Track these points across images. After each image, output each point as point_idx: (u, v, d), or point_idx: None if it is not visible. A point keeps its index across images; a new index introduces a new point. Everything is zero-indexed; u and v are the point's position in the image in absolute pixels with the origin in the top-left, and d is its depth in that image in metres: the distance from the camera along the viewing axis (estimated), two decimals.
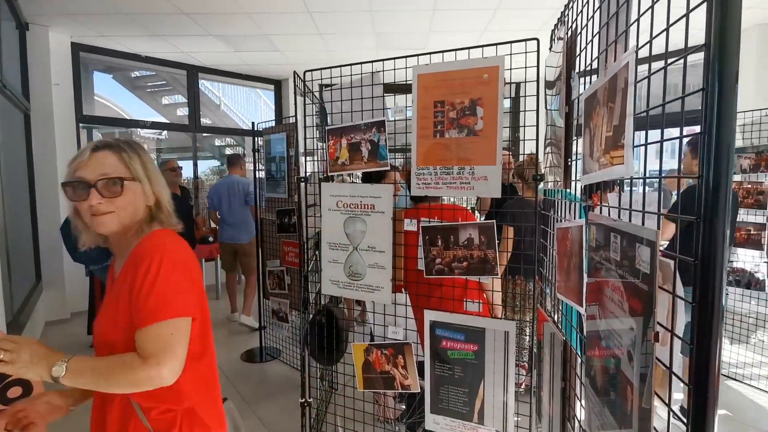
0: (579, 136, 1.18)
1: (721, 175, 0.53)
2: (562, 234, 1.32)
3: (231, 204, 4.57)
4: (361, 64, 1.96)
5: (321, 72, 2.06)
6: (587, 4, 1.16)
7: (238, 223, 4.59)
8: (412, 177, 1.76)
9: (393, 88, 1.91)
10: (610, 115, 0.87)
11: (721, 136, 0.53)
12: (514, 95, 6.22)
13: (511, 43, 1.65)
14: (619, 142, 0.81)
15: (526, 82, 1.66)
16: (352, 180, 3.10)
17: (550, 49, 1.72)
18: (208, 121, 8.72)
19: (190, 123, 6.10)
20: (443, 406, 1.83)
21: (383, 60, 1.91)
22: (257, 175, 3.94)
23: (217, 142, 10.26)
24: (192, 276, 1.05)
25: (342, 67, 2.00)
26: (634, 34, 0.81)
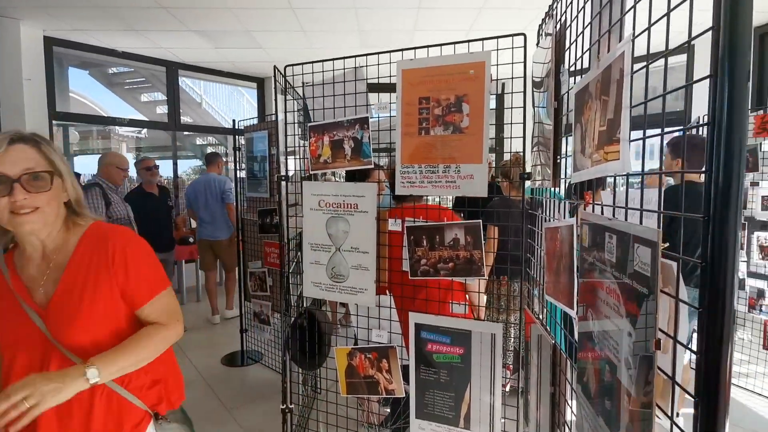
0: (569, 133, 1.14)
1: (734, 168, 0.49)
2: (550, 234, 1.27)
3: (208, 201, 4.56)
4: (344, 59, 1.90)
5: (303, 67, 2.00)
6: None
7: (216, 220, 4.58)
8: (396, 175, 1.71)
9: (377, 87, 1.85)
10: (603, 108, 0.82)
11: (732, 125, 0.49)
12: (500, 92, 6.21)
13: (497, 38, 1.61)
14: (614, 136, 0.76)
15: (513, 79, 1.62)
16: (336, 179, 3.04)
17: (538, 44, 1.69)
18: (189, 120, 8.54)
19: (169, 121, 5.94)
20: (429, 411, 1.78)
21: (367, 54, 1.85)
22: (238, 175, 3.87)
23: (199, 141, 10.09)
24: (153, 253, 1.17)
25: (324, 62, 1.94)
26: (628, 25, 0.77)
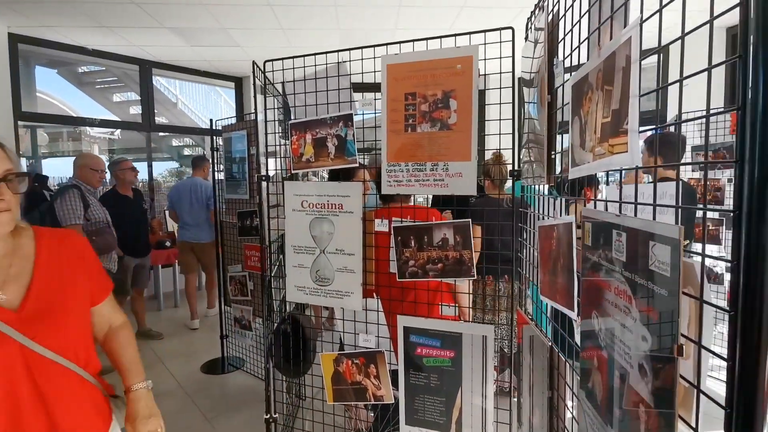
0: (563, 128, 1.09)
1: None
2: (545, 232, 1.23)
3: (192, 206, 4.56)
4: (326, 54, 1.83)
5: (283, 62, 1.91)
6: None
7: (200, 224, 4.58)
8: (382, 174, 1.65)
9: (362, 87, 1.79)
10: (607, 99, 0.78)
11: None
12: (483, 88, 6.20)
13: (485, 32, 1.57)
14: (621, 127, 0.72)
15: (501, 73, 1.58)
16: (317, 179, 2.96)
17: (526, 39, 1.65)
18: (164, 120, 8.30)
19: (143, 121, 5.74)
20: (419, 416, 1.73)
21: (350, 49, 1.78)
22: (216, 176, 3.76)
23: (175, 143, 9.83)
24: None
25: (305, 57, 1.87)
26: (634, 10, 0.73)
